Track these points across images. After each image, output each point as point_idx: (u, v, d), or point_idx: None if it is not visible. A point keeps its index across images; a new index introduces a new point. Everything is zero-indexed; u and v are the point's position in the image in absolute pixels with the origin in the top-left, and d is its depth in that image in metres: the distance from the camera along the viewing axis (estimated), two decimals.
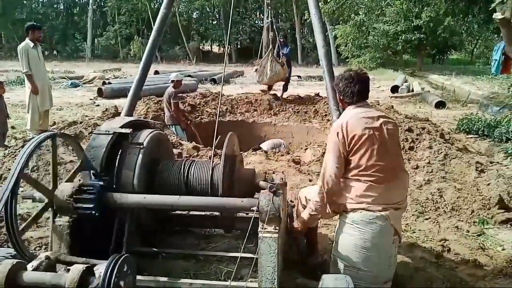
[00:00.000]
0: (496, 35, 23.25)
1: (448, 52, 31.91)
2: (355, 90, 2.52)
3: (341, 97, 2.63)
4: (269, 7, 11.04)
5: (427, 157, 5.54)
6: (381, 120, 2.49)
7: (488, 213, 4.28)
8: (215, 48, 43.17)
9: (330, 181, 2.45)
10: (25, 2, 34.78)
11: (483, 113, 10.40)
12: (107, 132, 2.62)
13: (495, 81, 17.70)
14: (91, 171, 2.60)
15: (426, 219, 4.20)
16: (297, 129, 9.00)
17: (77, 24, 37.39)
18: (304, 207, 2.79)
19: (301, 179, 5.13)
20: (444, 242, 3.73)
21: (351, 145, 2.41)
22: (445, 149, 5.65)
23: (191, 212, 3.29)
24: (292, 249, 2.98)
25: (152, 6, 34.20)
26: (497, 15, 8.21)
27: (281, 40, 11.86)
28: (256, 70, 10.75)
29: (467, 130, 8.26)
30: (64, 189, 2.43)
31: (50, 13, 35.97)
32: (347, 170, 2.47)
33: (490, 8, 8.46)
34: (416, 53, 26.08)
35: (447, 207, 4.43)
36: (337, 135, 2.43)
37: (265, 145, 7.64)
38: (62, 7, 39.09)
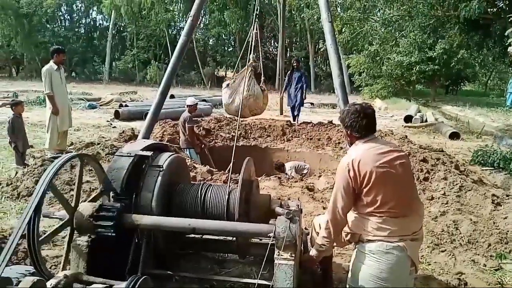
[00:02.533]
0: (510, 68, 23.23)
1: (462, 84, 31.90)
2: (363, 124, 2.50)
3: (348, 132, 2.59)
4: (256, 17, 7.55)
5: (442, 188, 5.49)
6: (393, 154, 2.46)
7: (505, 248, 4.20)
8: (230, 74, 43.81)
9: (338, 217, 2.45)
10: (48, 25, 36.01)
11: (498, 145, 10.29)
12: (129, 154, 2.69)
13: (510, 113, 17.59)
14: (111, 192, 2.66)
15: (442, 251, 4.14)
16: (310, 155, 9.01)
17: (96, 47, 38.46)
18: (318, 234, 2.78)
19: (315, 206, 5.11)
20: (461, 275, 3.66)
21: (364, 182, 2.38)
22: (460, 181, 5.60)
23: (205, 236, 3.30)
24: (306, 278, 2.96)
25: (170, 32, 35.09)
26: None
27: (294, 64, 11.97)
28: (227, 85, 8.28)
29: (482, 162, 8.17)
30: (85, 208, 2.48)
31: (71, 36, 37.07)
32: (360, 206, 2.45)
33: (505, 43, 8.52)
34: (429, 83, 26.12)
35: (463, 240, 4.36)
36: (348, 172, 2.40)
37: (288, 165, 7.58)
38: (82, 31, 40.31)
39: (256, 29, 7.74)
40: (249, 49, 7.51)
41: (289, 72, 11.85)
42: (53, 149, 7.05)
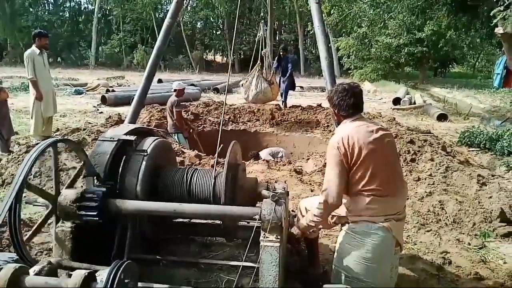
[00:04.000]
0: (498, 49, 23.34)
1: (450, 66, 32.04)
2: (351, 103, 2.52)
3: (336, 111, 2.61)
4: (261, 22, 10.77)
5: (428, 169, 5.55)
6: (380, 132, 2.48)
7: (489, 226, 4.28)
8: (218, 58, 43.44)
9: (335, 196, 2.40)
10: (31, 9, 35.14)
11: (485, 126, 10.42)
12: (112, 139, 2.64)
13: (497, 94, 17.76)
14: (95, 177, 2.62)
15: (428, 231, 4.20)
16: (299, 139, 9.02)
17: (82, 32, 37.70)
18: (304, 217, 2.79)
19: (303, 189, 5.14)
20: (446, 254, 3.72)
21: (354, 159, 2.38)
22: (447, 162, 5.66)
23: (193, 220, 3.29)
24: (293, 259, 2.98)
25: (157, 16, 34.52)
26: (499, 30, 8.28)
27: (281, 52, 11.84)
28: (242, 85, 10.18)
29: (469, 143, 8.27)
30: (67, 194, 2.44)
31: (56, 20, 36.26)
32: (349, 185, 2.45)
33: (492, 24, 8.53)
34: (418, 66, 26.18)
35: (448, 220, 4.43)
36: (338, 149, 2.40)
37: (263, 153, 7.64)
38: (67, 15, 39.43)
39: (264, 31, 9.86)
40: (259, 47, 9.56)
41: (276, 59, 11.75)
42: (38, 136, 6.94)
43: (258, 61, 9.52)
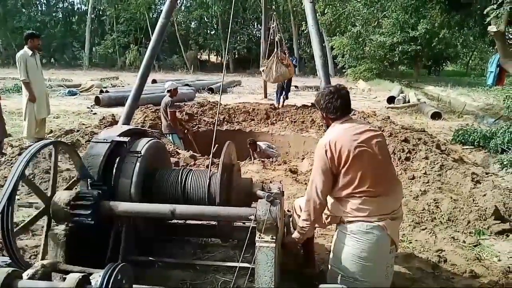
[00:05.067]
0: (491, 47, 23.48)
1: (444, 64, 32.21)
2: (338, 105, 2.52)
3: (324, 114, 2.62)
4: (273, 13, 12.02)
5: (423, 167, 5.57)
6: (369, 133, 2.48)
7: (484, 224, 4.29)
8: (213, 58, 43.38)
9: (317, 199, 2.47)
10: (23, 10, 34.90)
11: (479, 124, 10.47)
12: (105, 141, 2.63)
13: (490, 92, 17.85)
14: (88, 180, 2.60)
15: (423, 229, 4.20)
16: (294, 138, 9.03)
17: (75, 32, 37.51)
18: (299, 217, 2.79)
19: (298, 189, 5.13)
20: (441, 252, 3.73)
21: (342, 163, 2.39)
22: (441, 160, 5.68)
23: (188, 221, 3.28)
24: (289, 259, 2.97)
25: (151, 16, 34.40)
26: (492, 28, 8.32)
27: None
28: (263, 70, 11.50)
29: (463, 141, 8.31)
30: (61, 196, 2.42)
31: (49, 21, 36.05)
32: (338, 190, 2.46)
33: (485, 22, 8.58)
34: (412, 64, 26.29)
35: (443, 218, 4.44)
36: (326, 153, 2.41)
37: (261, 144, 8.12)
38: (60, 16, 39.22)
39: (275, 21, 11.44)
40: (271, 37, 11.45)
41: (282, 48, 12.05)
42: (32, 137, 6.88)
43: (275, 49, 10.91)
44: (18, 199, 3.31)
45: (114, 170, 2.64)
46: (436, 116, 11.94)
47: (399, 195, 2.61)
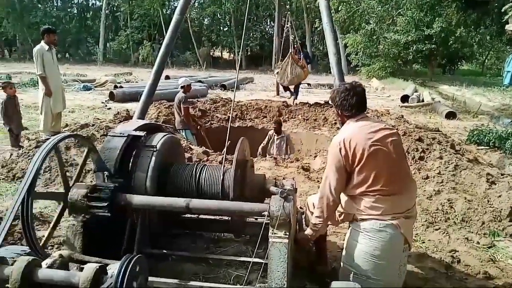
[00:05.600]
0: (508, 47, 23.11)
1: (459, 63, 31.74)
2: (353, 102, 2.50)
3: (339, 111, 2.61)
4: (287, 12, 11.77)
5: (437, 167, 5.51)
6: (384, 132, 2.46)
7: (499, 225, 4.25)
8: (225, 55, 43.45)
9: (330, 196, 2.47)
10: (39, 5, 35.37)
11: (494, 124, 10.33)
12: (122, 135, 2.66)
13: (506, 92, 17.57)
14: (105, 173, 2.64)
15: (436, 229, 4.18)
16: (306, 136, 9.01)
17: (90, 28, 37.94)
18: (312, 213, 2.80)
19: (310, 186, 5.13)
20: (454, 253, 3.70)
21: (356, 161, 2.38)
22: (455, 160, 5.62)
23: (201, 216, 3.31)
24: (301, 256, 2.98)
25: (164, 12, 34.58)
26: (510, 27, 8.19)
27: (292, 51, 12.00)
28: (277, 73, 11.27)
29: (478, 141, 8.20)
30: (78, 190, 2.46)
31: (64, 16, 36.47)
32: (352, 188, 2.45)
33: (503, 20, 8.44)
34: (426, 63, 25.97)
35: (457, 218, 4.40)
36: (340, 151, 2.40)
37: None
38: (75, 11, 39.68)
39: (291, 22, 11.68)
40: (286, 38, 11.54)
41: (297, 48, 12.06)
42: (48, 131, 7.00)
43: (291, 50, 10.83)
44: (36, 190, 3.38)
45: (130, 164, 2.67)
46: (450, 115, 11.80)
47: (413, 194, 2.60)
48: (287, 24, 11.49)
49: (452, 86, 19.79)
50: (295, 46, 11.47)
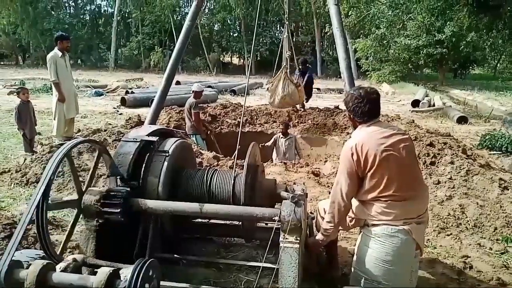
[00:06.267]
0: None
1: (470, 67, 31.46)
2: (365, 110, 2.49)
3: (351, 116, 2.61)
4: (287, 21, 9.95)
5: (448, 172, 5.47)
6: (396, 137, 2.45)
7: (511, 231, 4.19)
8: (235, 60, 43.64)
9: (341, 201, 2.47)
10: (53, 12, 35.96)
11: (507, 129, 10.20)
12: (135, 140, 2.70)
13: None
14: (118, 177, 2.68)
15: (448, 235, 4.14)
16: (316, 141, 9.00)
17: (101, 34, 38.46)
18: (323, 218, 2.80)
19: (320, 191, 5.13)
20: (466, 259, 3.67)
21: (368, 166, 2.38)
22: (467, 165, 5.57)
23: (212, 221, 3.33)
24: (312, 261, 2.98)
25: (175, 18, 34.90)
26: None
27: (300, 67, 11.44)
28: (267, 89, 9.59)
29: (490, 146, 8.12)
30: (92, 194, 2.50)
31: (76, 23, 37.01)
32: (364, 193, 2.45)
33: None
34: (437, 67, 25.79)
35: (469, 224, 4.36)
36: (352, 156, 2.40)
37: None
38: (87, 18, 40.26)
39: (288, 33, 9.36)
40: (283, 50, 9.30)
41: (299, 73, 11.36)
42: (61, 136, 7.10)
43: (284, 63, 9.17)
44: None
45: (142, 169, 2.71)
46: (462, 120, 11.70)
47: (425, 200, 2.59)
48: (284, 35, 9.55)
49: (464, 90, 19.63)
50: (299, 68, 10.16)
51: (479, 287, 3.25)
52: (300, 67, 11.31)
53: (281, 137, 7.81)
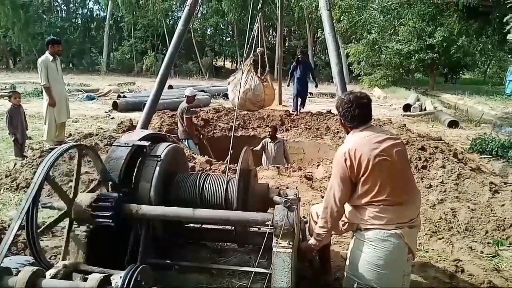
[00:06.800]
0: (510, 56, 23.14)
1: (461, 72, 31.81)
2: (355, 114, 2.50)
3: (342, 121, 2.62)
4: (259, 12, 9.03)
5: (440, 176, 5.51)
6: (389, 142, 2.46)
7: (503, 234, 4.23)
8: (228, 64, 43.66)
9: (334, 207, 2.47)
10: (44, 16, 35.69)
11: (497, 133, 10.32)
12: (127, 145, 2.68)
13: (509, 101, 17.58)
14: (109, 182, 2.66)
15: (439, 238, 4.17)
16: (308, 145, 9.02)
17: (93, 38, 38.25)
18: (316, 223, 2.80)
19: (313, 195, 5.13)
20: (458, 262, 3.69)
21: (361, 171, 2.38)
22: (458, 169, 5.61)
23: (204, 226, 3.31)
24: (304, 266, 2.98)
25: (168, 22, 34.84)
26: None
27: (299, 56, 11.70)
28: (228, 83, 8.48)
29: (481, 150, 8.20)
30: (83, 198, 2.48)
31: (68, 27, 36.77)
32: (357, 198, 2.46)
33: (504, 30, 8.47)
34: (428, 72, 26.04)
35: (460, 227, 4.39)
36: (345, 162, 2.40)
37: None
38: (79, 22, 40.02)
39: (260, 23, 8.31)
40: (253, 43, 8.14)
41: (294, 63, 11.70)
42: (52, 141, 7.04)
43: (251, 55, 8.11)
44: (40, 200, 3.39)
45: (134, 174, 2.69)
46: (453, 124, 11.81)
47: (417, 204, 2.60)
48: (255, 27, 8.38)
49: (454, 95, 19.82)
50: (264, 62, 9.08)
51: None
52: (299, 56, 11.36)
53: (270, 142, 7.76)
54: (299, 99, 11.83)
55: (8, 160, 6.54)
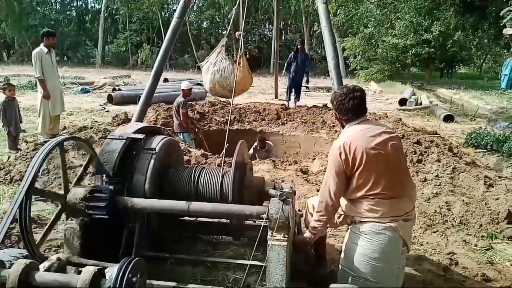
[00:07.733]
0: (506, 50, 23.20)
1: (457, 66, 31.87)
2: (349, 107, 2.50)
3: (336, 114, 2.62)
4: None
5: (435, 170, 5.53)
6: (385, 136, 2.45)
7: (496, 228, 4.26)
8: None
9: (330, 200, 2.47)
10: (38, 8, 35.33)
11: (492, 127, 10.36)
12: (121, 137, 2.66)
13: (504, 96, 17.65)
14: (103, 175, 2.64)
15: (434, 232, 4.19)
16: (304, 139, 9.01)
17: (88, 31, 37.92)
18: (312, 215, 2.80)
19: (309, 189, 5.14)
20: (452, 255, 3.71)
21: (356, 165, 2.38)
22: (453, 163, 5.64)
23: (200, 219, 3.31)
24: (299, 259, 2.98)
25: (163, 15, 34.60)
26: (507, 31, 8.23)
27: (299, 46, 11.66)
28: (201, 66, 8.00)
29: (476, 144, 8.23)
30: (77, 192, 2.46)
31: (63, 19, 36.44)
32: (352, 192, 2.46)
33: (500, 24, 8.49)
34: (424, 66, 26.07)
35: (455, 221, 4.41)
36: (340, 155, 2.40)
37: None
38: (74, 14, 39.66)
39: (241, 5, 7.42)
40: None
41: (292, 53, 11.71)
42: (46, 134, 6.99)
43: (225, 37, 7.43)
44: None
45: (129, 166, 2.67)
46: (448, 119, 11.84)
47: (412, 197, 2.60)
48: (234, 8, 7.64)
49: (450, 89, 19.86)
50: (298, 47, 9.90)
51: (464, 283, 3.29)
52: (299, 46, 11.33)
53: (259, 148, 7.84)
54: (293, 90, 11.86)
55: (2, 153, 6.49)
